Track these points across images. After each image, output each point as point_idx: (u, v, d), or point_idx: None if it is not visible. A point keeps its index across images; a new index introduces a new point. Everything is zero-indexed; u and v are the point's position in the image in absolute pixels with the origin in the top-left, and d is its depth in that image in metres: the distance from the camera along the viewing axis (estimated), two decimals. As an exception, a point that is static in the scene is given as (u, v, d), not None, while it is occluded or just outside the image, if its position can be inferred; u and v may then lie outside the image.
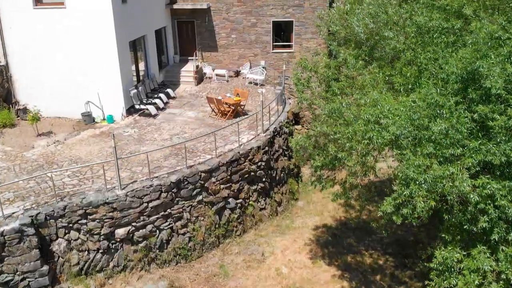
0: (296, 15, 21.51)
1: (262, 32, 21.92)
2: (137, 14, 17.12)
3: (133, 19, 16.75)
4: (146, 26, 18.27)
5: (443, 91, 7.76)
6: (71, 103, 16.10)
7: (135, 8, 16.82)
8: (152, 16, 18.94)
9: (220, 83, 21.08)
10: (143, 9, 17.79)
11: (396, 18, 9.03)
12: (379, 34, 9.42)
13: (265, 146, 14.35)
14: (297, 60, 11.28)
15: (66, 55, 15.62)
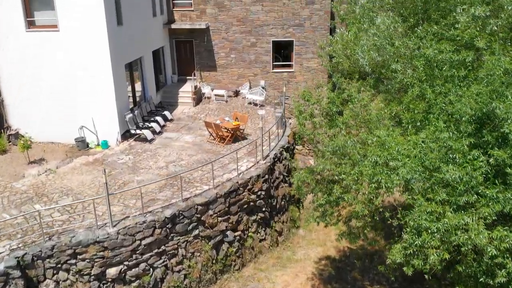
0: (297, 35, 21.13)
1: (262, 52, 21.52)
2: (134, 36, 16.71)
3: (129, 41, 16.32)
4: (143, 48, 17.84)
5: (456, 134, 7.21)
6: (64, 128, 15.57)
7: (131, 30, 16.42)
8: (149, 36, 18.53)
9: (219, 103, 20.60)
10: (140, 30, 17.39)
11: (403, 50, 8.54)
12: (385, 66, 8.93)
13: (265, 174, 13.78)
14: (300, 92, 10.74)
15: (59, 79, 15.15)
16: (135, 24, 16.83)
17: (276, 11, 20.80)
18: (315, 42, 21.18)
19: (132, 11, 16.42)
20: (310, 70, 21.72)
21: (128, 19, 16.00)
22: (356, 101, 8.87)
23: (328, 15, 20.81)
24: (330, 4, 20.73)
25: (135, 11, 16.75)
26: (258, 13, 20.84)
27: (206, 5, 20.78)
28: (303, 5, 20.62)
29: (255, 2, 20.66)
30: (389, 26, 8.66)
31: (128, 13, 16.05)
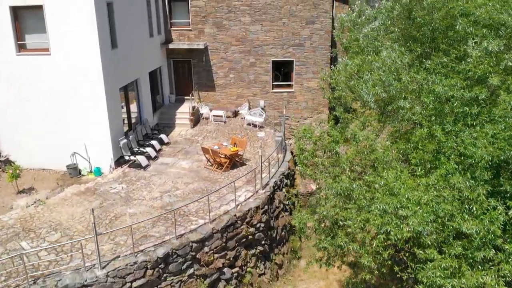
0: (297, 55, 20.69)
1: (261, 72, 21.06)
2: (129, 58, 16.22)
3: (125, 64, 15.84)
4: (139, 69, 17.36)
5: (472, 182, 6.63)
6: (56, 154, 14.99)
7: (126, 52, 15.94)
8: (146, 58, 18.06)
9: (217, 124, 20.06)
10: (136, 52, 16.92)
11: (411, 86, 7.99)
12: (392, 103, 8.40)
13: (264, 205, 13.15)
14: (301, 129, 10.17)
15: (51, 104, 14.61)
16: (131, 46, 16.36)
17: (275, 31, 20.40)
18: (316, 62, 20.76)
19: (127, 33, 15.97)
20: (311, 90, 21.24)
21: (123, 42, 15.54)
22: (360, 139, 8.31)
23: (329, 35, 20.40)
24: (330, 24, 20.35)
25: (131, 33, 16.31)
26: (257, 33, 20.43)
27: (205, 25, 20.38)
28: (303, 25, 20.22)
29: (254, 21, 20.27)
30: (395, 60, 8.14)
31: (124, 35, 15.60)
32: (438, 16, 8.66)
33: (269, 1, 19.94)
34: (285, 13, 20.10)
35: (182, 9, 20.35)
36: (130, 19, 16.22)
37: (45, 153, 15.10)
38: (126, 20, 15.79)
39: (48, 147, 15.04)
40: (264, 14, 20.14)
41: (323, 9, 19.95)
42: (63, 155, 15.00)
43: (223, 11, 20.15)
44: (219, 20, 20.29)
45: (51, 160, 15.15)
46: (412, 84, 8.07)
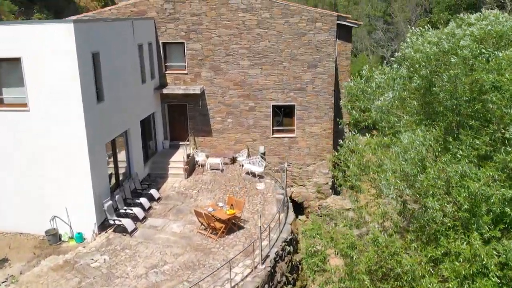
0: (298, 99, 19.54)
1: (261, 116, 19.87)
2: (118, 110, 15.02)
3: (112, 117, 14.62)
4: (130, 119, 16.14)
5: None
6: (34, 217, 13.58)
7: (115, 104, 14.75)
8: (137, 106, 16.88)
9: (213, 173, 18.70)
10: (126, 101, 15.74)
11: (441, 182, 6.66)
12: (418, 202, 7.10)
13: (264, 284, 11.61)
14: (307, 226, 8.79)
15: (29, 162, 13.31)
16: (120, 96, 15.19)
17: (276, 75, 19.31)
18: (318, 106, 19.59)
19: (116, 83, 14.83)
20: (313, 136, 19.98)
21: (111, 93, 14.37)
22: (382, 244, 6.92)
23: (332, 79, 19.30)
24: (334, 67, 19.29)
25: (120, 82, 15.17)
26: (257, 77, 19.34)
27: (201, 68, 19.32)
28: (305, 69, 19.15)
29: (254, 65, 19.21)
30: (420, 149, 6.86)
31: (112, 86, 14.45)
32: (463, 90, 7.46)
33: (269, 45, 18.93)
34: (286, 57, 19.06)
35: (177, 52, 19.33)
36: (119, 67, 15.12)
37: (22, 216, 13.70)
38: (114, 69, 14.68)
39: (26, 210, 13.64)
40: (264, 57, 19.10)
41: (326, 52, 18.92)
42: (42, 219, 13.58)
43: (221, 55, 19.12)
44: (217, 63, 19.23)
45: (29, 223, 13.73)
46: (441, 179, 6.73)
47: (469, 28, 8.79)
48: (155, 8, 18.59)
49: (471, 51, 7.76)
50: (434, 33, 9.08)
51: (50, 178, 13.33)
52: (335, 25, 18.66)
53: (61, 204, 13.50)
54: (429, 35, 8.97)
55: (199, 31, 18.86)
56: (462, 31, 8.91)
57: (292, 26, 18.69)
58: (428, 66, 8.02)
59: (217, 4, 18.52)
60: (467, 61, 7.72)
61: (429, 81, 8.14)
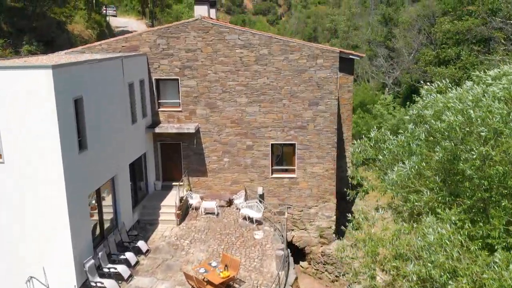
0: (299, 138, 18.44)
1: (259, 156, 18.73)
2: (104, 157, 13.88)
3: (97, 165, 13.46)
4: (118, 165, 14.99)
5: None
6: (9, 278, 12.27)
7: (100, 151, 13.62)
8: (126, 149, 15.75)
9: (208, 219, 17.42)
10: (114, 146, 14.63)
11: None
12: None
13: None
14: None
15: (3, 219, 12.07)
16: (107, 142, 14.08)
17: (275, 113, 18.27)
18: (320, 145, 18.47)
19: (102, 127, 13.74)
20: (315, 176, 18.79)
21: (96, 140, 13.26)
22: None
23: (334, 117, 18.24)
24: (336, 105, 18.27)
25: (107, 126, 14.08)
26: (255, 114, 18.30)
27: (196, 106, 18.29)
28: (305, 106, 18.12)
29: (252, 102, 18.19)
30: (450, 254, 5.69)
31: (97, 131, 13.35)
32: (494, 171, 6.35)
33: (268, 82, 17.95)
34: (285, 94, 18.06)
35: (171, 89, 18.35)
36: (106, 110, 14.06)
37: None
38: (100, 113, 13.61)
39: (0, 270, 12.35)
40: (263, 94, 18.10)
41: (327, 90, 17.92)
42: (18, 279, 12.26)
43: (217, 91, 18.13)
44: (213, 100, 18.22)
45: (3, 285, 12.40)
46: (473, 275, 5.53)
47: (490, 88, 7.74)
48: (148, 44, 17.69)
49: (503, 118, 6.66)
50: (455, 94, 7.99)
51: (26, 235, 12.08)
52: (337, 61, 17.74)
53: (39, 264, 12.19)
54: (449, 97, 7.88)
55: (194, 68, 17.91)
56: (481, 89, 7.87)
57: (292, 63, 17.75)
58: (453, 137, 6.93)
59: (213, 40, 17.64)
60: (497, 131, 6.63)
61: (453, 154, 7.03)
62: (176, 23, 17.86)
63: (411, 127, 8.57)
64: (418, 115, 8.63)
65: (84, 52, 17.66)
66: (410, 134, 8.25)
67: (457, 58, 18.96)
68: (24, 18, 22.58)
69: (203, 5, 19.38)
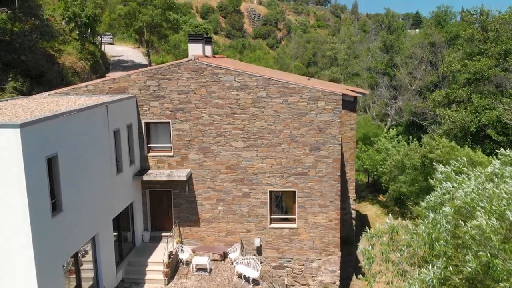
0: (300, 185, 17.07)
1: (256, 204, 17.31)
2: (83, 216, 12.48)
3: (75, 227, 12.05)
4: (99, 222, 13.56)
5: None
6: None
7: (78, 210, 12.22)
8: (110, 202, 14.36)
9: (199, 277, 15.85)
10: (95, 202, 13.24)
11: None
12: None
13: None
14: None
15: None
16: (87, 198, 12.70)
17: (274, 158, 16.96)
18: (323, 194, 17.09)
19: (81, 184, 12.39)
20: (318, 227, 17.32)
21: (73, 199, 11.89)
22: None
23: (337, 163, 16.92)
24: (339, 151, 16.97)
25: (87, 181, 12.74)
26: (252, 160, 16.99)
27: (189, 150, 17.00)
28: (306, 151, 16.83)
29: (249, 147, 16.91)
30: None
31: (75, 189, 11.99)
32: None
33: (266, 125, 16.72)
34: (285, 138, 16.80)
35: (162, 133, 17.10)
36: (87, 164, 12.75)
37: None
38: (80, 168, 12.29)
39: None
40: (260, 139, 16.84)
41: (330, 134, 16.67)
42: None
43: (211, 135, 16.88)
44: (207, 145, 16.94)
45: None
46: None
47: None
48: (137, 85, 16.55)
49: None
50: (481, 187, 6.64)
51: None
52: (340, 104, 16.55)
53: None
54: (473, 189, 6.55)
55: (187, 110, 16.71)
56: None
57: (291, 106, 16.57)
58: (488, 246, 5.61)
59: (208, 81, 16.51)
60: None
61: (490, 266, 5.70)
62: (167, 63, 16.78)
63: (432, 215, 7.19)
64: (437, 203, 7.31)
65: (68, 94, 16.50)
66: (432, 225, 6.87)
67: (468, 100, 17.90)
68: (11, 52, 21.56)
69: (198, 43, 18.36)
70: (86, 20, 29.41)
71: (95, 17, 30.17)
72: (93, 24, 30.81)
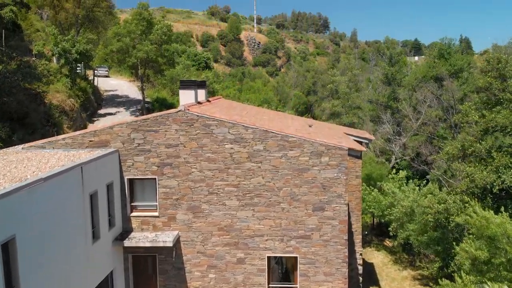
0: (302, 249, 15.15)
1: (252, 271, 15.32)
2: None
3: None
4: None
5: None
6: None
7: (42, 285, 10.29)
8: (84, 277, 12.37)
9: None
10: (65, 281, 11.29)
11: None
12: None
13: None
14: None
15: None
16: (54, 279, 10.77)
17: (272, 218, 15.12)
18: (328, 260, 15.16)
19: (47, 263, 10.50)
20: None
21: (36, 283, 9.96)
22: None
23: (344, 225, 15.06)
24: (346, 211, 15.14)
25: (55, 259, 10.85)
26: (247, 220, 15.14)
27: (177, 209, 15.18)
28: (309, 212, 15.01)
29: (244, 206, 15.09)
30: None
31: (38, 272, 10.10)
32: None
33: (263, 182, 14.97)
34: (284, 197, 15.01)
35: (147, 190, 15.33)
36: (54, 240, 10.90)
37: None
38: (45, 247, 10.44)
39: None
40: (257, 197, 15.05)
41: (335, 192, 14.90)
42: None
43: (202, 193, 15.10)
44: (197, 203, 15.13)
45: None
46: None
47: None
48: (120, 138, 14.90)
49: None
50: None
51: None
52: (346, 160, 14.87)
53: None
54: None
55: (175, 165, 15.00)
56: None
57: (291, 161, 14.87)
58: None
59: (199, 133, 14.88)
60: None
61: None
62: (154, 114, 15.20)
63: None
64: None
65: (44, 147, 14.83)
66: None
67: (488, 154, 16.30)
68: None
69: (190, 89, 16.87)
70: (77, 56, 28.16)
71: (87, 53, 28.95)
72: (84, 59, 29.58)
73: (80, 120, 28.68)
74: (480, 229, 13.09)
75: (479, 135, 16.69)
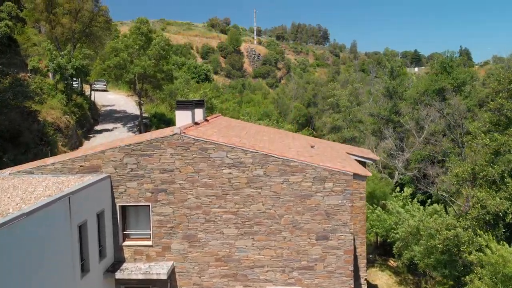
0: (305, 281, 14.25)
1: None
2: None
3: None
4: None
5: None
6: None
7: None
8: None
9: None
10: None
11: None
12: None
13: None
14: None
15: None
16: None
17: (273, 248, 14.26)
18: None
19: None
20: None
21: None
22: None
23: (350, 255, 14.20)
24: (351, 241, 14.29)
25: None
26: (247, 250, 14.27)
27: (172, 239, 14.33)
28: (312, 241, 14.15)
29: (243, 235, 14.25)
30: None
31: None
32: None
33: (264, 209, 14.15)
34: (286, 225, 14.17)
35: (141, 218, 14.51)
36: (38, 278, 10.03)
37: None
38: (27, 285, 9.59)
39: None
40: (257, 225, 14.21)
41: (339, 220, 14.06)
42: None
43: (199, 221, 14.26)
44: (193, 232, 14.28)
45: None
46: None
47: None
48: (112, 163, 14.12)
49: None
50: None
51: None
52: (351, 185, 14.08)
53: None
54: None
55: (170, 191, 14.19)
56: None
57: (293, 186, 14.07)
58: None
59: (195, 158, 14.10)
60: None
61: None
62: (148, 138, 14.41)
63: None
64: None
65: (32, 173, 14.05)
66: None
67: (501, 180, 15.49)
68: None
69: (186, 109, 16.13)
70: (73, 71, 27.53)
71: (83, 68, 28.34)
72: (80, 75, 28.96)
73: (75, 137, 27.92)
74: (495, 265, 12.25)
75: (490, 158, 15.92)
